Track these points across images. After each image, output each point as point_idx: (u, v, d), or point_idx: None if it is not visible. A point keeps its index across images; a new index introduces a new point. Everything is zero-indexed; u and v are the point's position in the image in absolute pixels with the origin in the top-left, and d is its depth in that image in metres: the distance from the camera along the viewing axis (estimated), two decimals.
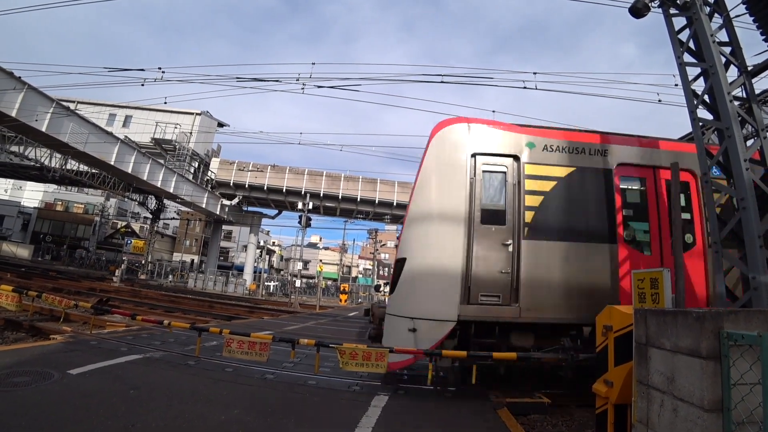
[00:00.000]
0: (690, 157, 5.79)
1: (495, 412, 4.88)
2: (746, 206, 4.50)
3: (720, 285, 4.71)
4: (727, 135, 4.78)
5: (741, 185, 4.59)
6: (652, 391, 2.71)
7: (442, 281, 5.58)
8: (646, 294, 3.55)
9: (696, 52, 5.26)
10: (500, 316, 5.56)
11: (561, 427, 4.75)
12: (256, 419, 4.14)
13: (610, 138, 6.36)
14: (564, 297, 5.62)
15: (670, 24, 5.45)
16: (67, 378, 4.73)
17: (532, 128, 6.32)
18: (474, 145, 6.03)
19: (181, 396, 4.61)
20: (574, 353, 5.19)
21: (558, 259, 5.72)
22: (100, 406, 4.02)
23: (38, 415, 3.67)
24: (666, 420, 2.53)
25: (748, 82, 5.04)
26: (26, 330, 6.84)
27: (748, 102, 5.02)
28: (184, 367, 5.81)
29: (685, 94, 5.29)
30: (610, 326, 3.69)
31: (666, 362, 2.60)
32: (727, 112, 4.78)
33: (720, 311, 2.39)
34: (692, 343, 2.38)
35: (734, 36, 5.16)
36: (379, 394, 5.31)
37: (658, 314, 2.80)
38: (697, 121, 5.15)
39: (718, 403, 2.23)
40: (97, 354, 5.84)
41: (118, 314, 6.50)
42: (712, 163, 4.95)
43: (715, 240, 4.77)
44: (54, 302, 6.52)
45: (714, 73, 4.92)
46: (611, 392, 3.55)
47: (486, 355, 5.33)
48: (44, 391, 4.26)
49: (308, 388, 5.43)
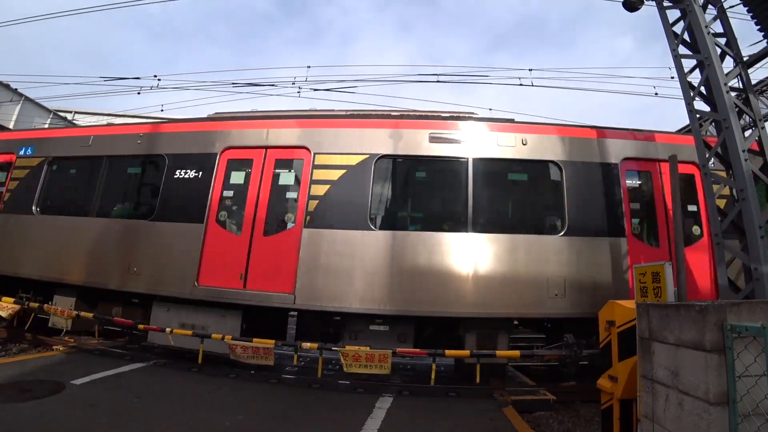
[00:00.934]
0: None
1: (500, 410, 4.86)
2: (746, 197, 4.49)
3: (722, 277, 4.69)
4: (724, 126, 4.77)
5: (740, 176, 4.57)
6: (657, 386, 2.69)
7: None
8: (648, 288, 3.54)
9: (691, 44, 5.26)
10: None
11: (567, 424, 4.72)
12: (260, 424, 4.13)
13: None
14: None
15: (664, 16, 5.44)
16: (71, 388, 4.72)
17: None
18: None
19: (185, 403, 4.59)
20: (577, 350, 5.17)
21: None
22: (104, 415, 4.01)
23: (43, 426, 3.66)
24: (671, 414, 2.52)
25: (744, 73, 5.03)
26: (29, 341, 6.84)
27: (745, 92, 5.01)
28: (188, 374, 5.79)
29: (682, 87, 5.29)
30: (613, 321, 3.67)
31: (670, 356, 2.58)
32: (723, 104, 4.78)
33: (723, 303, 2.37)
34: (696, 336, 2.37)
35: (729, 27, 5.16)
36: (384, 395, 5.29)
37: (661, 308, 2.78)
38: (694, 113, 5.13)
39: (724, 395, 2.21)
40: (101, 363, 5.83)
41: (120, 323, 6.49)
42: (711, 155, 4.94)
43: (716, 232, 4.76)
44: (56, 313, 6.51)
45: (710, 64, 4.91)
46: (616, 387, 3.53)
47: (489, 353, 5.32)
48: (48, 401, 4.25)
49: (312, 391, 5.42)
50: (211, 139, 6.74)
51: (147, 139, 7.13)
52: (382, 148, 6.22)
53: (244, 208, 6.37)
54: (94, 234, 6.90)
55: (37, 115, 20.53)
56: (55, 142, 7.90)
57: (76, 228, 7.05)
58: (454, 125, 6.39)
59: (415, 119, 6.77)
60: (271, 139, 6.55)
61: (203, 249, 6.22)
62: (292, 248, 5.97)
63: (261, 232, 6.20)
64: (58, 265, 6.91)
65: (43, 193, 7.54)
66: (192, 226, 6.33)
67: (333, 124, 6.64)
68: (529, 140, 6.22)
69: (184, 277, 6.17)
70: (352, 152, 6.22)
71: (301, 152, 6.42)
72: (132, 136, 7.28)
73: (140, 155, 7.18)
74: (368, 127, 6.50)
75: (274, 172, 6.44)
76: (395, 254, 5.79)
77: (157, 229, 6.54)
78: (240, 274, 6.07)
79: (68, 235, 7.04)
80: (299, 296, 5.78)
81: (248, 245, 6.16)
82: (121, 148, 7.30)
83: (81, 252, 6.88)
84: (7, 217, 7.57)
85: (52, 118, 21.34)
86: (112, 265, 6.62)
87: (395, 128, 6.37)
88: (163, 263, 6.37)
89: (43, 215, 7.40)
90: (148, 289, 6.39)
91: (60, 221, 7.22)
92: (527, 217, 6.32)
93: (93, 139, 7.53)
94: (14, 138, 8.48)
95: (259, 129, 6.68)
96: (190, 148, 6.80)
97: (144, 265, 6.44)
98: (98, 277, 6.67)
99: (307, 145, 6.36)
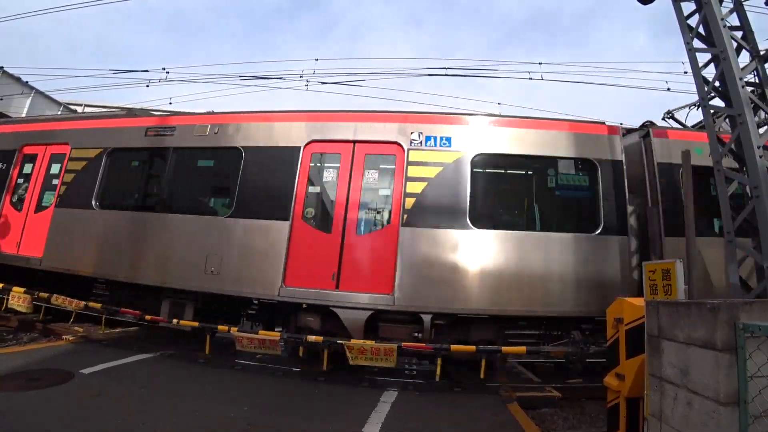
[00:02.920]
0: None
1: (505, 406, 4.84)
2: (759, 194, 4.40)
3: (734, 275, 4.62)
4: (739, 122, 4.67)
5: (754, 173, 4.48)
6: (666, 384, 2.65)
7: None
8: (658, 285, 3.49)
9: (706, 38, 5.13)
10: None
11: (572, 421, 4.70)
12: (265, 416, 4.15)
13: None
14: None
15: (678, 9, 5.32)
16: (79, 377, 4.78)
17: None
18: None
19: (191, 393, 4.64)
20: (583, 347, 5.14)
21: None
22: (111, 404, 4.06)
23: (51, 414, 3.72)
24: (680, 413, 2.48)
25: (760, 67, 4.92)
26: (39, 331, 6.94)
27: (761, 87, 4.90)
28: (194, 365, 5.84)
29: (696, 81, 5.17)
30: (621, 318, 3.63)
31: (679, 355, 2.54)
32: (739, 98, 4.67)
33: (735, 302, 2.33)
34: (706, 334, 2.32)
35: (746, 20, 5.03)
36: (389, 389, 5.29)
37: (671, 306, 2.74)
38: (708, 108, 5.03)
39: (735, 396, 2.17)
40: (108, 353, 5.90)
41: (128, 313, 6.55)
42: (725, 151, 4.84)
43: (729, 230, 4.68)
44: (64, 303, 6.59)
45: (725, 58, 4.79)
46: (623, 385, 3.49)
47: (495, 349, 5.30)
48: (56, 390, 4.31)
49: (317, 383, 5.44)
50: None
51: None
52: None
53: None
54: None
55: (48, 107, 20.74)
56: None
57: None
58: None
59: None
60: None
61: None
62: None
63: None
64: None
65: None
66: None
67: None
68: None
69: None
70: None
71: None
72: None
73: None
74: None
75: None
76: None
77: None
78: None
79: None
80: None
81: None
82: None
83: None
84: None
85: (62, 111, 21.55)
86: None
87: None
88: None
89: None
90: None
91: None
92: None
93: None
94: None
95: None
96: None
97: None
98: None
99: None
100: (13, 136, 8.34)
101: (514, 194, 6.45)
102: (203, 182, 7.18)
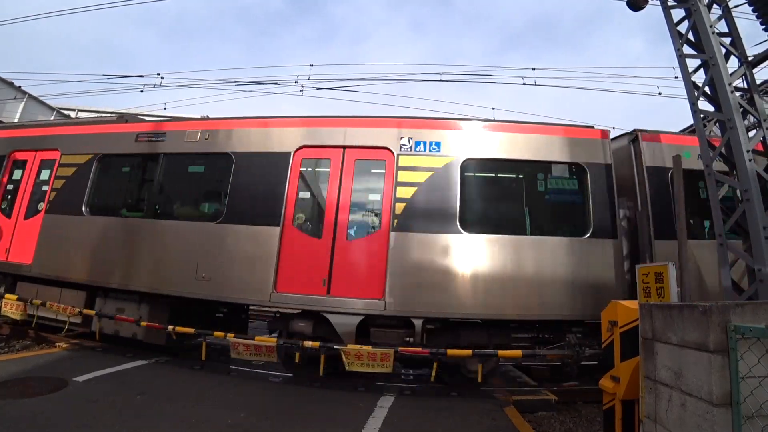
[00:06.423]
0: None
1: (502, 410, 4.86)
2: (750, 197, 4.47)
3: (726, 278, 4.67)
4: (729, 126, 4.75)
5: (744, 177, 4.55)
6: (660, 386, 2.68)
7: None
8: (651, 288, 3.53)
9: (696, 44, 5.23)
10: None
11: (569, 424, 4.72)
12: (262, 421, 4.14)
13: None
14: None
15: (668, 16, 5.42)
16: (74, 385, 4.74)
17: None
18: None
19: (187, 400, 4.61)
20: (579, 350, 5.17)
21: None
22: (106, 412, 4.03)
23: (46, 422, 3.68)
24: (674, 415, 2.51)
25: (748, 73, 5.00)
26: (32, 338, 6.86)
27: (750, 92, 4.98)
28: (190, 371, 5.81)
29: (686, 86, 5.26)
30: (615, 321, 3.66)
31: (673, 357, 2.58)
32: (728, 103, 4.75)
33: (727, 304, 2.36)
34: (699, 337, 2.36)
35: (734, 26, 5.13)
36: (385, 394, 5.30)
37: (664, 309, 2.77)
38: (698, 113, 5.11)
39: (727, 397, 2.20)
40: (103, 360, 5.86)
41: (122, 320, 6.50)
42: (715, 155, 4.92)
43: (720, 233, 4.74)
44: (58, 310, 6.53)
45: (714, 64, 4.89)
46: (618, 388, 3.52)
47: (491, 353, 5.31)
48: (51, 398, 4.27)
49: (314, 389, 5.43)
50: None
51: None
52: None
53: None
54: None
55: (40, 112, 20.59)
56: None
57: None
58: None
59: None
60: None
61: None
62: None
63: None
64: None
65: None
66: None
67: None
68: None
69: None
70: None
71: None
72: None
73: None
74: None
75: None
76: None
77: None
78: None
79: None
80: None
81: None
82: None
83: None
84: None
85: (55, 115, 21.41)
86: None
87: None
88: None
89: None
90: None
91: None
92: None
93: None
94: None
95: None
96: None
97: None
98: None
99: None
100: (2, 142, 8.27)
101: (503, 198, 6.47)
102: (194, 188, 7.15)
